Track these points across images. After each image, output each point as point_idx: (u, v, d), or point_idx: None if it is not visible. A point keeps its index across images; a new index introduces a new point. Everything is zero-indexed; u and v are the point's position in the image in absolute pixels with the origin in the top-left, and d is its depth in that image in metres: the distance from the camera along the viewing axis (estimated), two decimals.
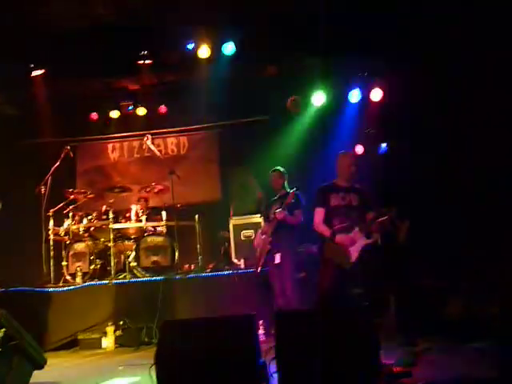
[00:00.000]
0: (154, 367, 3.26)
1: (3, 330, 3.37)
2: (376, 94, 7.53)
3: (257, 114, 8.34)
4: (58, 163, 7.33)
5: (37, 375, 3.74)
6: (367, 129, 7.46)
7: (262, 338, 5.31)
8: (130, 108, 8.63)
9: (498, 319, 4.44)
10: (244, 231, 7.28)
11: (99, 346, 6.03)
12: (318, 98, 7.74)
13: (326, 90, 7.70)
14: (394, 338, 4.33)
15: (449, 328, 4.67)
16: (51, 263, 7.08)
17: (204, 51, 7.15)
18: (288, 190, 5.83)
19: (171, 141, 9.09)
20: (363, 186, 5.08)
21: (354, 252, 4.61)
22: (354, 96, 7.70)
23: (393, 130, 7.25)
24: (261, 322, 5.62)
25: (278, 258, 5.74)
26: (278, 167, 6.13)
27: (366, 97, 7.63)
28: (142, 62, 7.52)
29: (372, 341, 3.18)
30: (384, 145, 7.71)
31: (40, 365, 3.72)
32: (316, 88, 7.70)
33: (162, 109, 8.68)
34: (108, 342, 5.99)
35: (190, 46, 7.16)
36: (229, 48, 7.10)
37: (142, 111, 8.64)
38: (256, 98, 7.98)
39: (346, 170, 4.96)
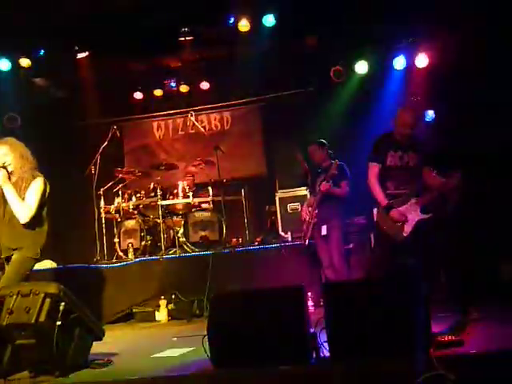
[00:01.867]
0: (206, 338, 3.35)
1: (63, 303, 3.52)
2: (421, 60, 7.31)
3: (299, 85, 8.25)
4: (105, 143, 7.49)
5: (96, 346, 3.91)
6: (413, 96, 7.27)
7: (311, 309, 5.34)
8: (173, 85, 8.69)
9: None
10: (290, 204, 7.30)
11: (153, 319, 6.20)
12: (362, 67, 7.59)
13: (369, 57, 7.54)
14: (445, 307, 4.28)
15: (502, 293, 4.57)
16: (104, 240, 7.31)
17: (244, 24, 7.10)
18: (332, 162, 5.78)
19: (214, 116, 9.13)
20: (424, 139, 4.69)
21: (408, 226, 4.38)
22: (399, 63, 7.50)
23: (440, 97, 7.05)
24: (310, 293, 5.65)
25: (324, 230, 5.74)
26: (319, 139, 6.06)
27: (411, 63, 7.43)
28: (183, 38, 7.55)
29: (422, 308, 3.16)
30: (431, 112, 7.50)
31: (99, 336, 3.88)
32: (359, 56, 7.54)
33: (205, 85, 8.70)
34: (161, 315, 6.16)
35: (230, 21, 7.13)
36: (269, 20, 7.04)
37: (184, 88, 8.70)
38: (298, 69, 7.91)
39: (407, 128, 4.49)
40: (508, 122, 6.18)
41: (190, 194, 7.24)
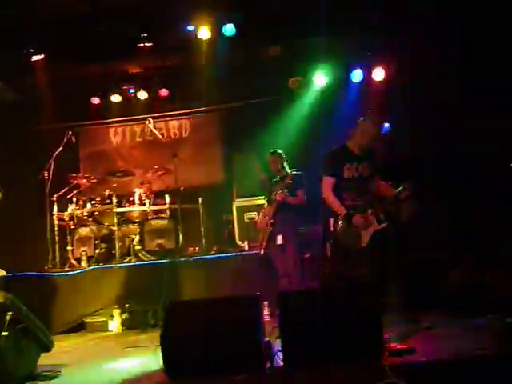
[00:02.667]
0: (159, 348, 3.30)
1: (10, 313, 3.41)
2: (378, 74, 7.49)
3: (259, 95, 8.30)
4: (60, 148, 7.33)
5: (45, 357, 3.79)
6: (369, 108, 7.42)
7: (266, 319, 5.35)
8: (132, 92, 8.59)
9: (496, 291, 4.48)
10: (247, 213, 7.31)
11: (106, 329, 6.09)
12: (320, 79, 7.71)
13: (328, 70, 7.66)
14: (397, 316, 4.35)
15: (450, 301, 4.68)
16: (57, 248, 7.12)
17: (204, 33, 7.09)
18: (287, 172, 5.84)
19: (173, 124, 9.06)
20: (377, 150, 4.73)
21: (366, 237, 4.43)
22: (356, 76, 7.66)
23: (395, 110, 7.23)
24: (266, 303, 5.66)
25: (280, 240, 5.76)
26: (275, 150, 6.11)
27: (368, 76, 7.59)
28: (142, 44, 7.48)
29: (375, 318, 3.21)
30: (387, 124, 7.67)
31: (48, 347, 3.77)
32: (317, 68, 7.66)
33: (164, 92, 8.62)
34: (115, 325, 6.05)
35: (190, 28, 7.11)
36: (229, 29, 7.05)
37: (143, 95, 8.60)
38: (258, 79, 7.94)
39: (369, 139, 4.55)
40: (461, 132, 6.39)
41: (147, 201, 7.16)
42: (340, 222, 4.55)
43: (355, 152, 4.63)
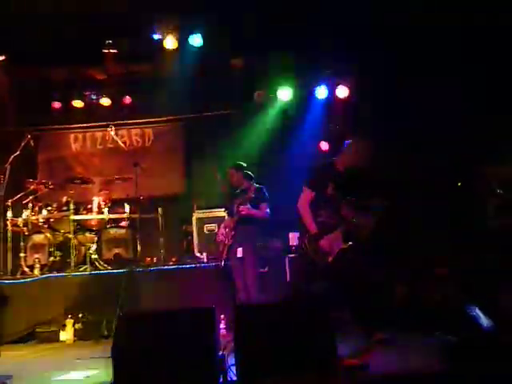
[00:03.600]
0: (110, 360, 3.23)
1: None
2: (342, 91, 7.61)
3: (223, 106, 8.31)
4: (17, 152, 7.15)
5: None
6: (332, 125, 7.54)
7: (223, 332, 5.31)
8: (94, 98, 8.48)
9: (441, 307, 4.59)
10: (207, 225, 7.26)
11: (57, 339, 5.93)
12: (284, 93, 7.78)
13: (293, 85, 7.74)
14: (352, 331, 4.39)
15: (401, 317, 4.75)
16: (8, 255, 6.91)
17: (170, 42, 7.07)
18: (250, 184, 5.83)
19: (136, 132, 8.98)
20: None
21: (332, 254, 4.46)
22: (321, 92, 7.75)
23: (357, 127, 7.34)
24: (222, 316, 5.62)
25: (240, 252, 5.73)
26: (237, 163, 6.10)
27: (332, 94, 7.70)
28: (107, 50, 7.41)
29: (329, 333, 3.22)
30: (349, 142, 7.78)
31: None
32: (282, 83, 7.73)
33: (127, 99, 8.55)
34: (67, 335, 5.90)
35: (156, 37, 7.08)
36: (196, 40, 7.06)
37: (106, 101, 8.50)
38: (222, 90, 7.95)
39: (356, 160, 4.58)
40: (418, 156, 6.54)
41: (106, 209, 7.04)
42: (309, 238, 4.56)
43: (341, 172, 4.65)
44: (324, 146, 7.75)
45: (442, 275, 5.21)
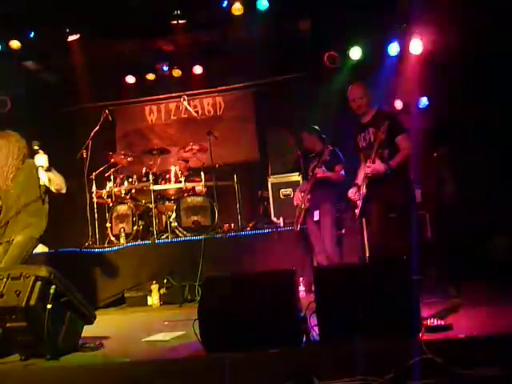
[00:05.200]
0: (196, 322, 3.36)
1: (54, 287, 3.52)
2: (415, 47, 7.29)
3: (293, 70, 8.21)
4: (97, 127, 7.45)
5: (87, 330, 3.91)
6: (406, 82, 7.26)
7: (302, 294, 5.39)
8: (166, 70, 8.63)
9: None
10: (283, 190, 7.29)
11: (145, 304, 6.20)
12: (355, 52, 7.56)
13: (364, 43, 7.50)
14: (435, 292, 4.31)
15: (493, 273, 4.57)
16: (96, 225, 7.29)
17: (238, 7, 7.03)
18: (324, 147, 5.79)
19: (207, 101, 9.08)
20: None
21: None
22: (393, 49, 7.47)
23: (434, 84, 7.04)
24: (301, 279, 5.69)
25: (316, 216, 5.75)
26: (311, 126, 6.05)
27: (405, 50, 7.39)
28: (175, 22, 7.47)
29: (410, 293, 3.18)
30: (424, 99, 7.50)
31: (90, 320, 3.88)
32: (353, 42, 7.51)
33: (198, 69, 8.64)
34: (153, 300, 6.16)
35: (224, 4, 7.06)
36: (263, 3, 6.98)
37: (177, 73, 8.63)
38: (292, 54, 7.85)
39: (352, 105, 4.68)
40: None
41: (183, 179, 7.22)
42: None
43: (362, 121, 4.70)
44: (398, 104, 7.50)
45: None
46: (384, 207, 4.42)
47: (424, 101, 7.50)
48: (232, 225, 7.40)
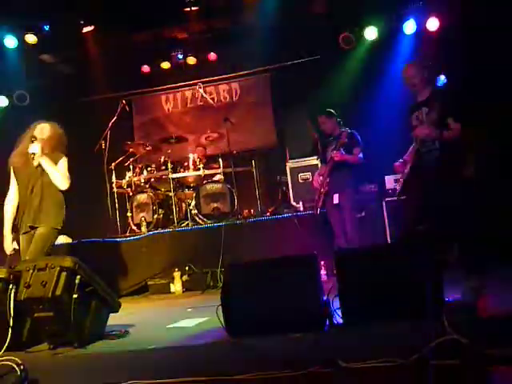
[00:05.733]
0: (220, 308, 3.39)
1: (79, 277, 3.57)
2: (432, 24, 7.16)
3: (308, 53, 8.13)
4: (115, 118, 7.49)
5: (112, 318, 3.97)
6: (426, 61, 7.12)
7: (323, 278, 5.39)
8: (180, 57, 8.62)
9: None
10: (301, 174, 7.28)
11: (168, 291, 6.27)
12: (371, 32, 7.46)
13: (379, 22, 7.40)
14: (459, 274, 4.27)
15: None
16: (117, 215, 7.37)
17: None
18: (341, 130, 5.76)
19: (223, 88, 9.07)
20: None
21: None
22: (409, 27, 7.35)
23: (452, 61, 6.91)
24: (322, 262, 5.69)
25: (336, 199, 5.73)
26: (327, 110, 6.00)
27: (422, 27, 7.27)
28: (188, 9, 7.44)
29: (435, 273, 3.16)
30: (443, 77, 7.37)
31: (115, 308, 3.94)
32: (368, 22, 7.41)
33: (212, 56, 8.62)
34: (176, 287, 6.23)
35: None
36: None
37: (191, 60, 8.62)
38: (306, 37, 7.77)
39: (407, 84, 4.53)
40: None
41: (201, 166, 7.25)
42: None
43: (417, 99, 4.55)
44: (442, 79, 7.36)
45: None
46: (424, 185, 4.36)
47: (442, 79, 7.37)
48: (252, 210, 7.43)
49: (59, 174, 4.55)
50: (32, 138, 4.54)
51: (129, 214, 7.26)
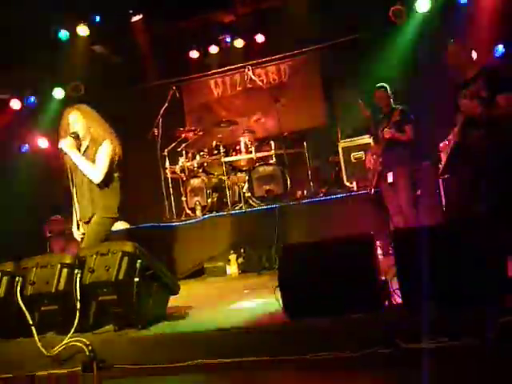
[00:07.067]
0: (277, 289, 3.42)
1: (140, 261, 3.68)
2: None
3: (358, 31, 7.95)
4: (166, 104, 7.59)
5: (173, 300, 4.08)
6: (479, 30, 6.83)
7: (380, 258, 5.32)
8: (228, 41, 8.62)
9: None
10: (354, 153, 7.17)
11: (224, 273, 6.37)
12: (423, 4, 7.22)
13: None
14: None
15: None
16: (172, 200, 7.51)
17: None
18: (393, 107, 5.64)
19: (271, 69, 9.01)
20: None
21: None
22: None
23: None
24: (378, 242, 5.61)
25: (390, 177, 5.64)
26: (382, 84, 5.88)
27: None
28: None
29: (498, 253, 3.07)
30: (501, 46, 7.05)
31: (175, 291, 4.04)
32: None
33: (260, 38, 8.57)
34: (232, 269, 6.32)
35: None
36: None
37: (239, 43, 8.60)
38: (354, 14, 7.58)
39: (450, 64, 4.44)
40: None
41: (253, 149, 7.26)
42: None
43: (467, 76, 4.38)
44: (473, 55, 7.09)
45: None
46: (471, 168, 4.23)
47: (500, 48, 7.05)
48: (305, 191, 7.40)
49: (89, 168, 4.24)
50: (62, 133, 4.36)
51: (183, 199, 7.39)
